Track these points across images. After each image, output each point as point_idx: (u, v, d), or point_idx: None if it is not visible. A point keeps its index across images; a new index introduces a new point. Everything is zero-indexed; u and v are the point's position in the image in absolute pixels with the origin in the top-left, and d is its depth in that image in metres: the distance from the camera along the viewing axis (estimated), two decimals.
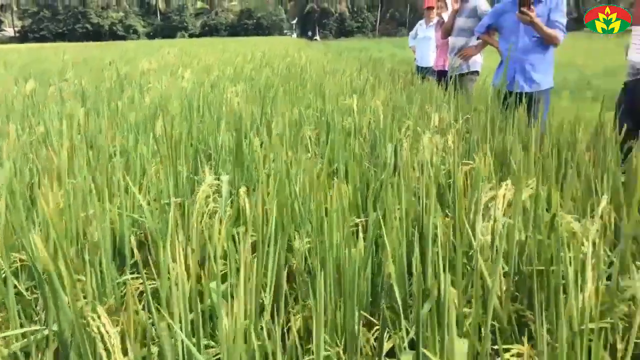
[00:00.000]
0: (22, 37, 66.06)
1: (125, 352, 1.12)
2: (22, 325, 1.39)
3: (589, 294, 1.06)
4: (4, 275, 1.48)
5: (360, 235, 1.59)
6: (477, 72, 5.28)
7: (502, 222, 1.35)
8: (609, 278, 1.30)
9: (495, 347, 1.15)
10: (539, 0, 3.82)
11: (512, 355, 1.12)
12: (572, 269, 1.08)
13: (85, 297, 1.40)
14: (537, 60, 3.89)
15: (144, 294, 1.52)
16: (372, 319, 1.34)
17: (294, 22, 73.09)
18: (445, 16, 5.72)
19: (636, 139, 2.33)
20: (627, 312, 1.17)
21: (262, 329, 1.18)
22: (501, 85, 3.81)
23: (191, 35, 65.19)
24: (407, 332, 1.21)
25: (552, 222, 1.38)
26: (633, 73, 3.01)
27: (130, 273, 1.69)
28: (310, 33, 67.41)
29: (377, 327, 1.30)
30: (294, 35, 67.77)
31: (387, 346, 1.22)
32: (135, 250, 1.56)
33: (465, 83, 5.09)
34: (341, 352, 1.26)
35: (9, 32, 69.80)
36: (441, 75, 5.85)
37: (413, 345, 1.18)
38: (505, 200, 1.42)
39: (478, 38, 4.48)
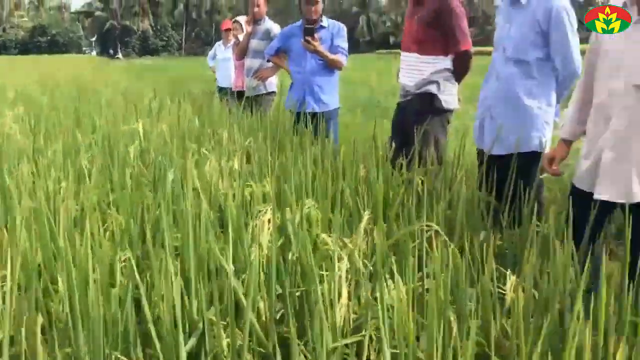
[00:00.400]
0: None
1: None
2: None
3: (340, 309, 1.10)
4: None
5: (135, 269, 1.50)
6: (274, 93, 5.43)
7: (268, 245, 1.37)
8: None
9: None
10: (322, 27, 4.06)
11: None
12: (327, 287, 1.12)
13: None
14: (324, 82, 4.12)
15: None
16: None
17: (94, 39, 68.74)
18: (242, 37, 5.80)
19: (403, 156, 2.56)
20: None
21: None
22: (292, 106, 3.96)
23: None
24: None
25: (315, 242, 1.44)
26: (403, 94, 3.32)
27: None
28: (112, 51, 64.05)
29: None
30: (94, 53, 63.79)
31: None
32: None
33: (262, 104, 5.20)
34: None
35: None
36: (240, 95, 5.90)
37: None
38: (271, 223, 1.44)
39: (268, 60, 4.61)
